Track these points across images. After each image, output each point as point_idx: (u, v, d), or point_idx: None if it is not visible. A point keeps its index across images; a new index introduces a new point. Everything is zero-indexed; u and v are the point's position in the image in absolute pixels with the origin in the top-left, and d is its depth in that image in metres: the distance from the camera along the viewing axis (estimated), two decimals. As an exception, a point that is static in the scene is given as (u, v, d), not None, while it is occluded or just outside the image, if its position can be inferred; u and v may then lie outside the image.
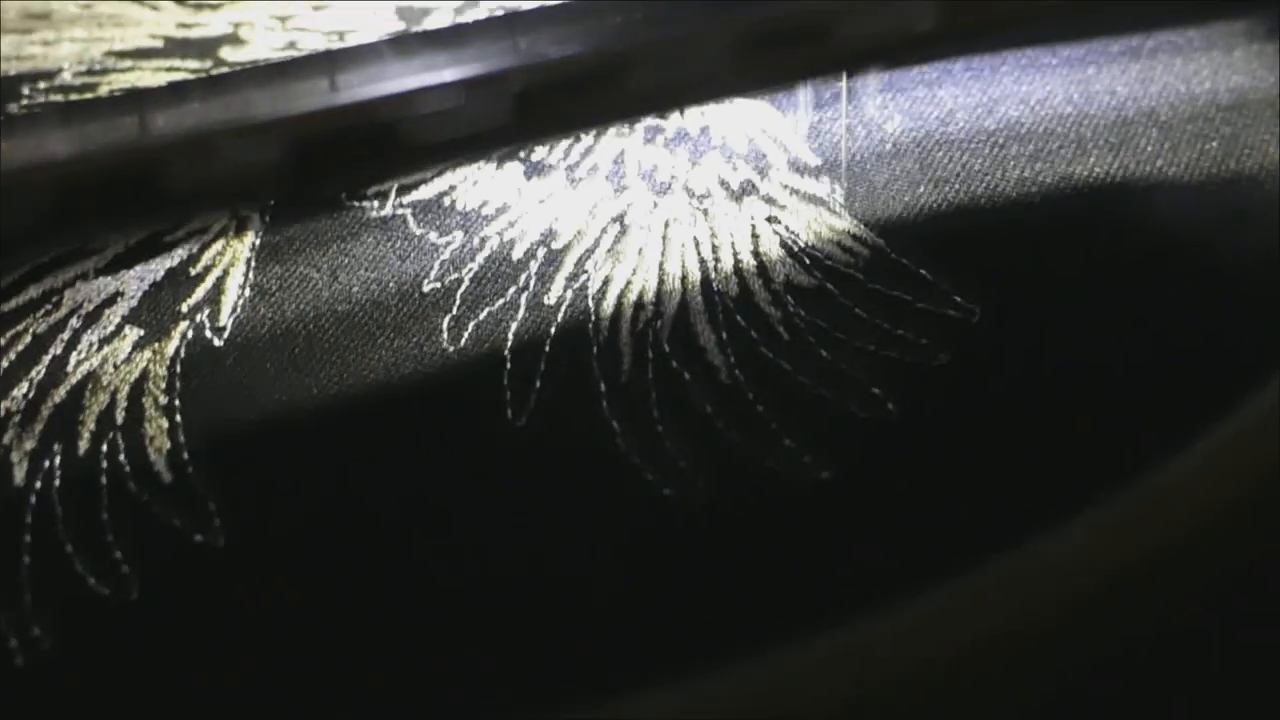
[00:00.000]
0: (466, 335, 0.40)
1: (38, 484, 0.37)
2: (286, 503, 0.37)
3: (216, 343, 0.40)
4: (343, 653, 0.35)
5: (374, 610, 0.36)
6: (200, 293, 0.41)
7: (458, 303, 0.40)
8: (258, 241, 0.42)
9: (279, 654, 0.35)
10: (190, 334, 0.40)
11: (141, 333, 0.40)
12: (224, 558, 0.36)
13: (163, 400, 0.39)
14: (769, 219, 0.42)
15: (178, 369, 0.39)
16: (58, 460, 0.37)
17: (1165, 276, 0.41)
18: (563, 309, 0.40)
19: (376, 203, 0.43)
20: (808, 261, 0.41)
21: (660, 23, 0.39)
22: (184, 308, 0.40)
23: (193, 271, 0.41)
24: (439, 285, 0.41)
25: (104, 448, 0.38)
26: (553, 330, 0.40)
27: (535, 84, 0.38)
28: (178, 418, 0.38)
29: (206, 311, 0.40)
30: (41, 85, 0.45)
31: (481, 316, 0.40)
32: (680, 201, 0.43)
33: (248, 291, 0.41)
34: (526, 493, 0.37)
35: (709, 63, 0.39)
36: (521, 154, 0.44)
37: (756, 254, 0.41)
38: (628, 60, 0.39)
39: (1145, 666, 0.36)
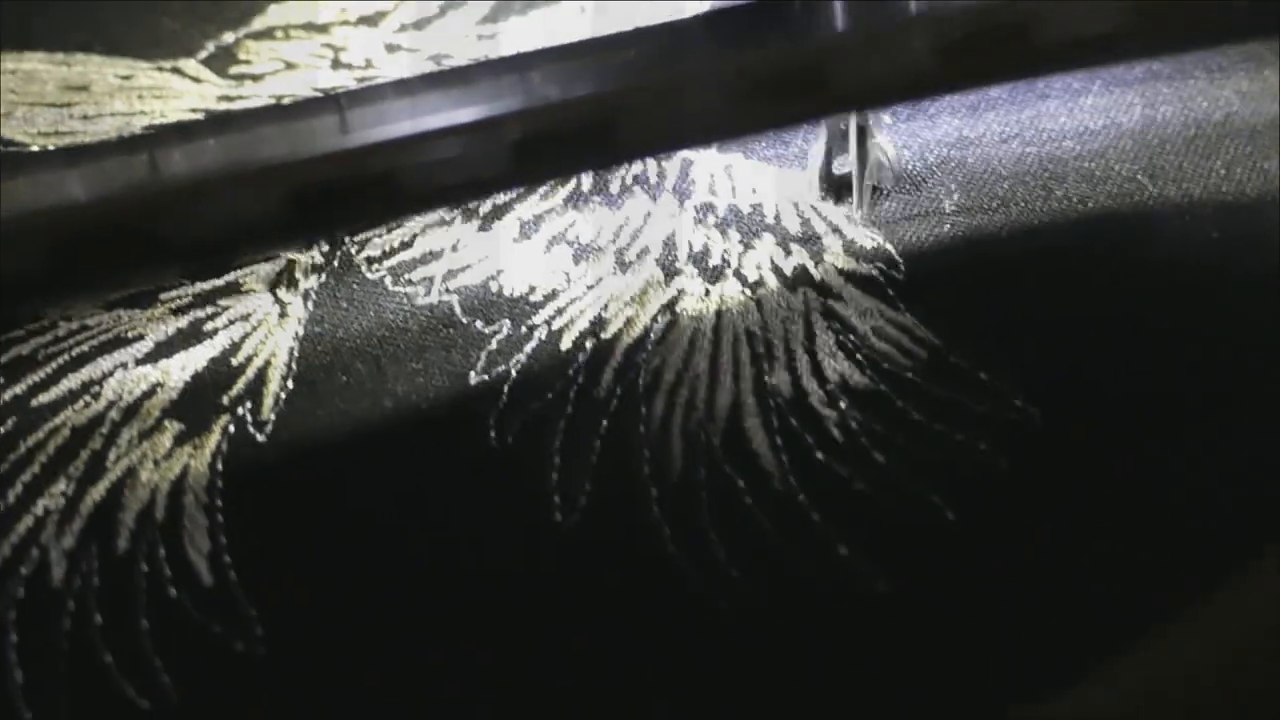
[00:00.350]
0: (514, 432, 0.39)
1: (76, 585, 0.36)
2: (329, 609, 0.36)
3: (259, 438, 0.39)
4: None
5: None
6: (242, 385, 0.40)
7: (505, 397, 0.40)
8: (300, 330, 0.41)
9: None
10: (232, 429, 0.39)
11: (182, 427, 0.39)
12: (265, 668, 0.35)
13: (204, 498, 0.38)
14: (823, 313, 0.41)
15: (219, 466, 0.38)
16: (96, 562, 0.37)
17: (1233, 373, 0.40)
18: (612, 405, 0.39)
19: (422, 288, 0.42)
20: (863, 361, 0.40)
21: (673, 60, 0.38)
22: (225, 400, 0.40)
23: (234, 362, 0.40)
24: (486, 378, 0.40)
25: (144, 548, 0.37)
26: (602, 428, 0.39)
27: (540, 127, 0.37)
28: (219, 517, 0.37)
29: (248, 405, 0.39)
30: (82, 162, 0.44)
31: (529, 412, 0.39)
32: (732, 289, 0.42)
33: (290, 384, 0.40)
34: (574, 597, 0.37)
35: (715, 104, 0.38)
36: (570, 236, 0.43)
37: (810, 351, 0.40)
38: (631, 102, 0.38)
39: None
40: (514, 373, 0.40)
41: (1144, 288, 0.41)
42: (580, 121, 0.37)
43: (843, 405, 0.39)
